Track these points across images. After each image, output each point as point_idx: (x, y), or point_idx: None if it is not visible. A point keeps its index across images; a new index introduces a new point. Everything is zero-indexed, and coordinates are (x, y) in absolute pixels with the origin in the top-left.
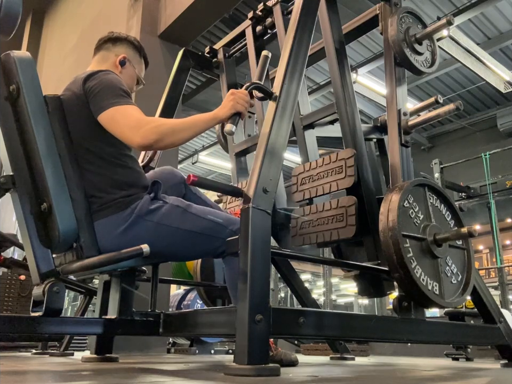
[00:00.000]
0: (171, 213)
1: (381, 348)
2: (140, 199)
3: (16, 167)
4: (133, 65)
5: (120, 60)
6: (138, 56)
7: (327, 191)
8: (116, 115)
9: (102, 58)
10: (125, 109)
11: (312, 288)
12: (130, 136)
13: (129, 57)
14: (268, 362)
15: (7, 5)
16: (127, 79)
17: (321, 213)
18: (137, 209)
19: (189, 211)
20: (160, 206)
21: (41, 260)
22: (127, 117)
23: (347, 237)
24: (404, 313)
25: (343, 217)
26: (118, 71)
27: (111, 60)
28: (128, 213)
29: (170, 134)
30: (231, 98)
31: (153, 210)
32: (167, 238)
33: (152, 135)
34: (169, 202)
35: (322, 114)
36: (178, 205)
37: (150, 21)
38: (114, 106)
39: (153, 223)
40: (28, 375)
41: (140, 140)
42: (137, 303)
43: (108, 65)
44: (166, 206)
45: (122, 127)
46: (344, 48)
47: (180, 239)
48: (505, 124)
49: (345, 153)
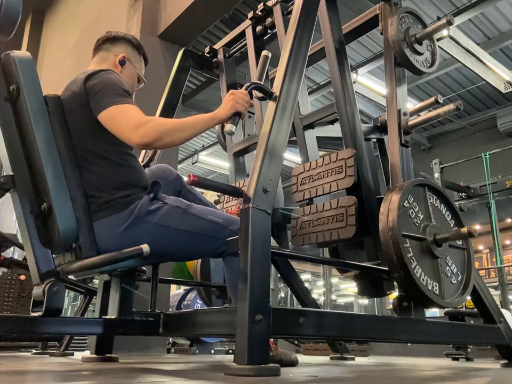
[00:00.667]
0: (171, 214)
1: (381, 347)
2: (139, 200)
3: (16, 167)
4: (133, 64)
5: (120, 59)
6: (137, 54)
7: (327, 191)
8: (116, 113)
9: (101, 58)
10: (125, 108)
11: (312, 288)
12: (130, 134)
13: (128, 56)
14: (268, 362)
15: (7, 5)
16: (128, 78)
17: (321, 213)
18: (136, 210)
19: (189, 211)
20: (160, 207)
21: (41, 259)
22: (127, 115)
23: (347, 237)
24: (404, 313)
25: (343, 217)
26: (118, 71)
27: (110, 60)
28: (127, 213)
29: (170, 133)
30: (231, 98)
31: (153, 211)
32: (167, 239)
33: (151, 134)
34: (169, 203)
35: (322, 114)
36: (178, 206)
37: (150, 21)
38: (115, 105)
39: (152, 224)
40: (28, 375)
41: (139, 139)
42: (137, 303)
43: (108, 65)
44: (166, 207)
45: (122, 125)
46: (344, 48)
47: (180, 240)
48: (505, 123)
49: (345, 153)
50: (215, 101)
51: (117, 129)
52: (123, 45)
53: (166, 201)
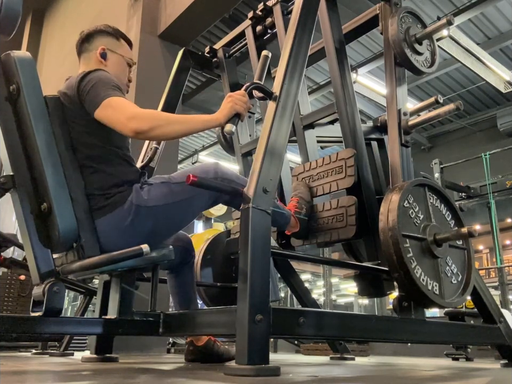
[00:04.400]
0: (162, 192)
1: (381, 348)
2: (132, 191)
3: (16, 167)
4: (114, 51)
5: (100, 53)
6: (115, 40)
7: (327, 191)
8: (109, 105)
9: (85, 60)
10: (119, 99)
11: (312, 288)
12: (126, 122)
13: (107, 46)
14: (268, 363)
15: (7, 5)
16: (116, 68)
17: (321, 213)
18: (134, 199)
19: (173, 182)
20: (149, 189)
21: (41, 259)
22: (122, 105)
23: (347, 237)
24: (404, 313)
25: (343, 217)
26: (104, 65)
27: (93, 58)
28: (128, 205)
29: (165, 124)
30: (229, 100)
31: (147, 195)
32: (168, 214)
33: (145, 123)
34: (154, 182)
35: (322, 114)
36: (162, 182)
37: (150, 21)
38: (108, 98)
39: (152, 207)
40: (28, 375)
41: (135, 126)
42: (137, 303)
43: (93, 64)
44: (154, 187)
45: (118, 114)
46: (344, 48)
47: (179, 210)
48: (505, 123)
49: (345, 153)
50: (215, 101)
51: (113, 119)
52: (99, 38)
53: (150, 182)
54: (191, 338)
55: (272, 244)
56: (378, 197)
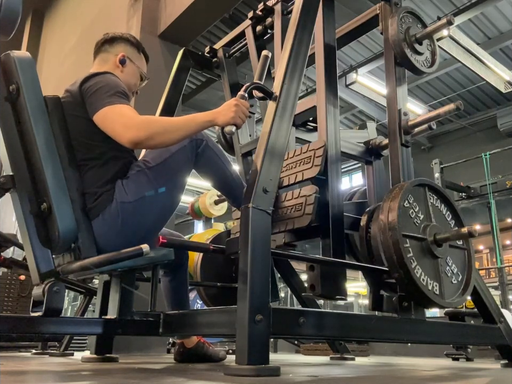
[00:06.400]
0: (140, 182)
1: (381, 348)
2: (114, 188)
3: (16, 167)
4: (133, 62)
5: (120, 58)
6: (137, 52)
7: (292, 181)
8: (108, 113)
9: (101, 60)
10: (119, 107)
11: None
12: (123, 132)
13: (128, 54)
14: (268, 363)
15: (7, 5)
16: (130, 77)
17: (282, 203)
18: (117, 196)
19: (148, 167)
20: (127, 183)
21: (41, 260)
22: (119, 115)
23: (301, 226)
24: (404, 313)
25: (302, 206)
26: (120, 71)
27: (111, 61)
28: (115, 204)
29: (162, 133)
30: (234, 110)
31: (127, 190)
32: (153, 203)
33: (142, 133)
34: (130, 173)
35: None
36: (138, 170)
37: (150, 21)
38: (109, 105)
39: (134, 202)
40: (28, 375)
41: (131, 137)
42: (137, 303)
43: (109, 66)
44: (131, 179)
45: (115, 124)
46: (334, 52)
47: (162, 196)
48: (505, 123)
49: (316, 144)
50: (215, 101)
51: (110, 128)
52: (122, 45)
53: (131, 172)
54: (182, 340)
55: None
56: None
